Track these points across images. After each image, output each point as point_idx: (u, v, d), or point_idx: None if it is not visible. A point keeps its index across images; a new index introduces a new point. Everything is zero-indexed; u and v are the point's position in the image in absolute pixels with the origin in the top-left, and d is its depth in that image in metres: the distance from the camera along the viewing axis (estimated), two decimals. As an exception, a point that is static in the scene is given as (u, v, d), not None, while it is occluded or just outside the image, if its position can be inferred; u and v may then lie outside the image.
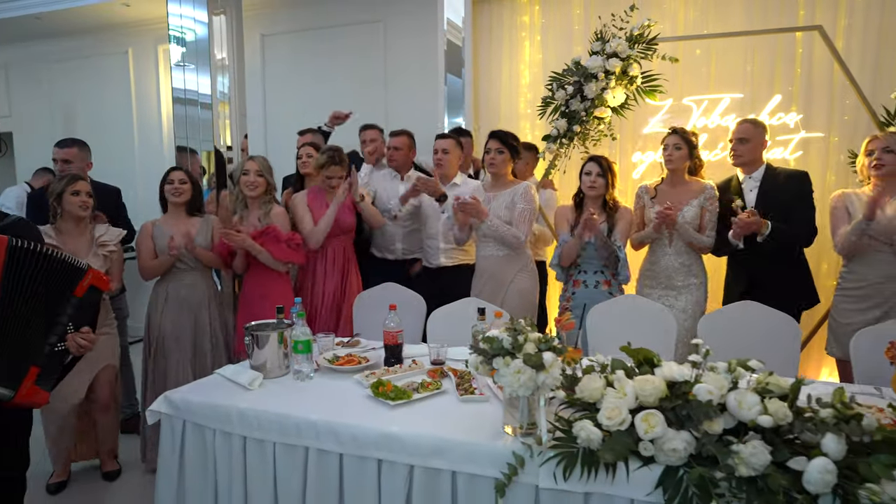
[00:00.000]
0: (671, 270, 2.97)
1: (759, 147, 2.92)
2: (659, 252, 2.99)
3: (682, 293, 2.96)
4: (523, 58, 4.10)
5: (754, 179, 2.92)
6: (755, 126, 2.93)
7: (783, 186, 2.86)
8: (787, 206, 2.79)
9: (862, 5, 3.34)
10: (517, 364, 1.52)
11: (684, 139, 2.94)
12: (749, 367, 1.54)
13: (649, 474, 1.43)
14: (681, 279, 2.96)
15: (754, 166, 2.93)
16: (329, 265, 3.23)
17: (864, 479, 1.28)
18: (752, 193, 2.90)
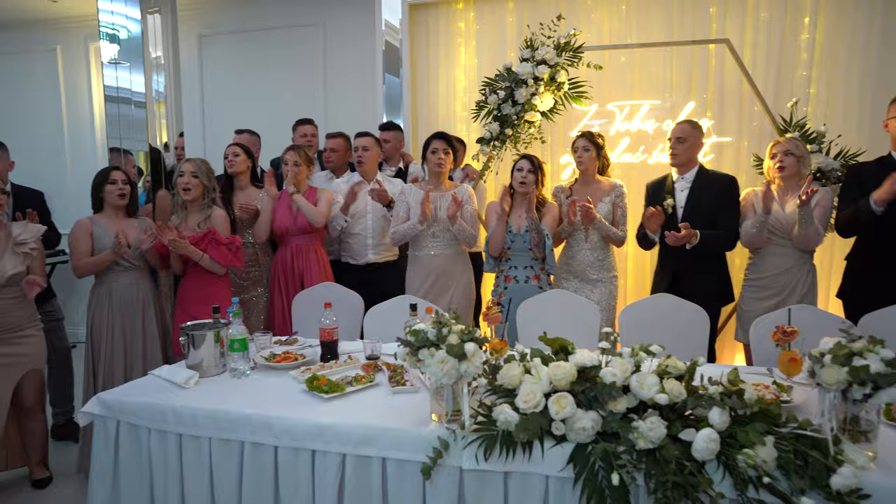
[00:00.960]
0: (586, 265, 3.15)
1: (694, 147, 3.08)
2: (576, 247, 3.18)
3: (597, 286, 3.15)
4: (459, 62, 4.23)
5: (686, 180, 3.08)
6: (693, 127, 3.08)
7: (712, 189, 3.02)
8: (713, 209, 2.97)
9: (765, 22, 3.63)
10: (441, 354, 1.63)
11: (591, 141, 3.14)
12: (650, 351, 1.70)
13: (562, 452, 1.57)
14: (595, 273, 3.15)
15: (689, 167, 3.09)
16: (289, 265, 3.29)
17: (742, 445, 1.45)
18: (683, 193, 3.07)
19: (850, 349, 1.47)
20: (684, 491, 1.42)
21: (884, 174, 2.65)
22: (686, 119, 3.21)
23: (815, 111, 3.59)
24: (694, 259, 2.98)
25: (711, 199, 3.00)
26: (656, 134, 3.72)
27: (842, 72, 3.56)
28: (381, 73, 4.40)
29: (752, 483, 1.42)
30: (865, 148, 3.35)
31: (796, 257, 2.89)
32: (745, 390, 1.56)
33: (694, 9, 3.74)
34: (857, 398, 1.45)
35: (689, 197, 3.05)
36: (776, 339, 2.06)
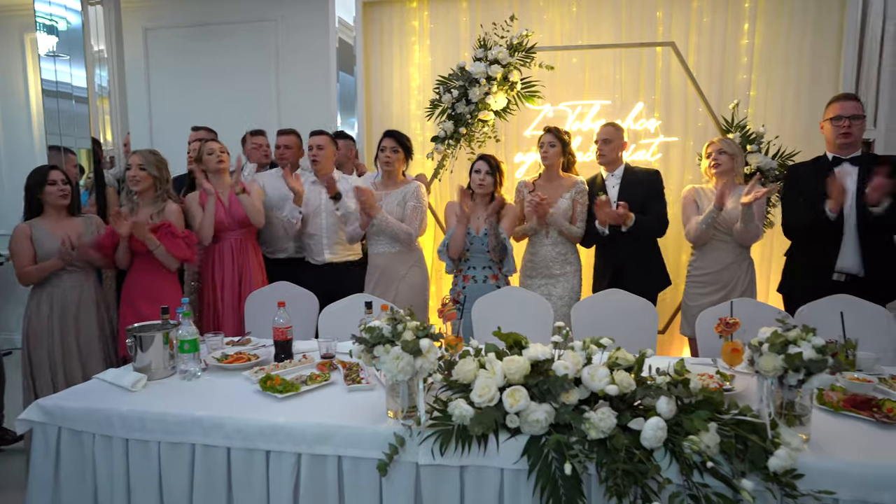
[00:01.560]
0: (549, 260, 3.21)
1: (619, 147, 3.24)
2: (538, 243, 3.24)
3: (560, 281, 3.22)
4: (413, 61, 4.23)
5: (616, 177, 3.24)
6: (616, 129, 3.25)
7: (640, 183, 3.19)
8: (643, 201, 3.13)
9: (708, 26, 3.77)
10: (396, 351, 1.63)
11: (558, 137, 3.20)
12: (601, 344, 1.74)
13: (516, 444, 1.59)
14: (558, 268, 3.21)
15: (616, 165, 3.26)
16: (226, 260, 3.21)
17: (688, 432, 1.51)
18: (614, 190, 3.22)
19: (786, 338, 1.55)
20: (634, 478, 1.47)
21: (820, 173, 2.80)
22: (609, 122, 3.33)
23: (755, 113, 3.75)
24: (632, 250, 3.12)
25: (640, 192, 3.15)
26: (608, 134, 3.81)
27: (779, 75, 3.73)
28: (335, 71, 4.36)
29: (696, 468, 1.48)
30: (801, 148, 3.52)
31: (736, 253, 3.02)
32: (690, 380, 1.63)
33: (641, 12, 3.84)
34: (791, 384, 1.53)
35: (620, 192, 3.19)
36: (719, 331, 2.15)
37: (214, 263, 3.23)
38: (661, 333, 3.86)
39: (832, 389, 1.83)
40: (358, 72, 4.24)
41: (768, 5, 3.70)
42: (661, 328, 3.85)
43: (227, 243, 3.23)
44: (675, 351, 3.83)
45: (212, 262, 3.23)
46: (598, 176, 3.31)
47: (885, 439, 1.59)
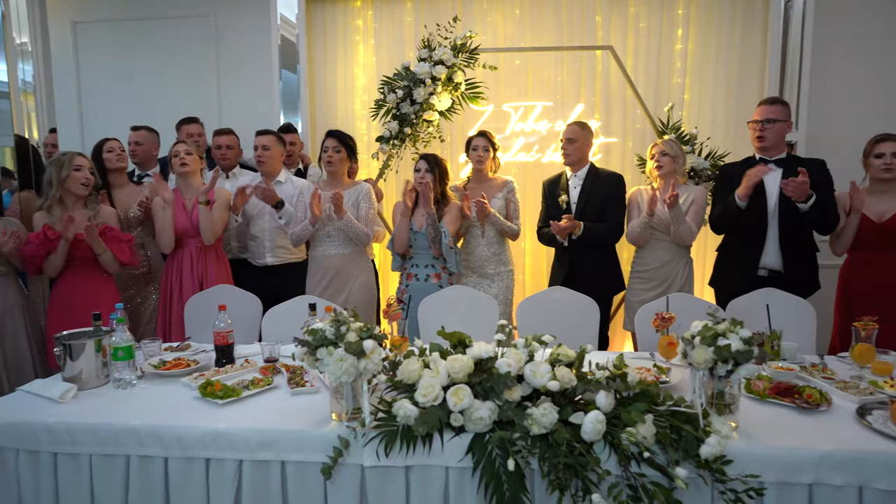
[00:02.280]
0: (484, 259, 3.25)
1: (584, 147, 3.26)
2: (473, 243, 3.28)
3: (495, 280, 3.26)
4: (358, 60, 4.20)
5: (579, 177, 3.27)
6: (582, 128, 3.25)
7: (602, 186, 3.22)
8: (603, 204, 3.18)
9: (645, 31, 3.90)
10: (339, 353, 1.62)
11: (490, 141, 3.25)
12: (543, 341, 1.78)
13: (461, 442, 1.61)
14: (492, 267, 3.26)
15: (580, 165, 3.27)
16: (185, 267, 3.11)
17: (626, 424, 1.56)
18: (576, 190, 3.25)
19: (716, 331, 1.62)
20: (575, 471, 1.51)
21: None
22: (576, 121, 3.38)
23: (689, 115, 3.91)
24: (588, 253, 3.17)
25: (602, 195, 3.19)
26: (549, 134, 3.89)
27: (710, 79, 3.90)
28: (277, 69, 4.27)
29: (634, 458, 1.53)
30: (731, 149, 3.70)
31: (675, 251, 3.14)
32: (628, 374, 1.68)
33: (581, 16, 3.94)
34: (721, 375, 1.60)
35: (581, 193, 3.23)
36: (656, 326, 2.23)
37: (173, 271, 3.12)
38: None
39: (759, 378, 1.92)
40: (301, 70, 4.17)
41: (699, 13, 3.87)
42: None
43: (188, 250, 3.12)
44: (618, 345, 3.94)
45: (171, 270, 3.13)
46: (562, 175, 3.34)
47: (805, 424, 1.69)
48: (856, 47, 3.86)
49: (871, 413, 1.72)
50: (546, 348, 1.78)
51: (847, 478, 1.51)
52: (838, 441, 1.57)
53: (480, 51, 3.74)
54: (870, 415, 1.70)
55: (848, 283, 2.93)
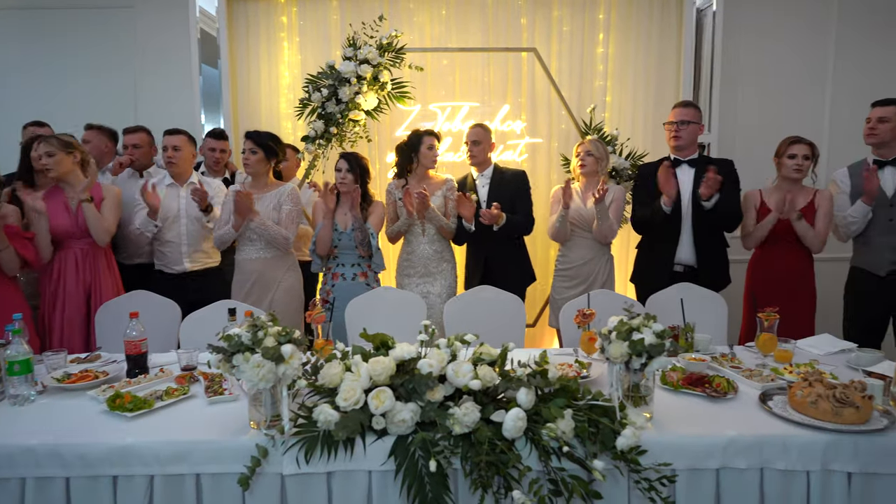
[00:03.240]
0: (426, 258, 3.25)
1: (488, 148, 3.35)
2: (414, 242, 3.27)
3: (437, 278, 3.27)
4: (283, 58, 4.09)
5: (485, 177, 3.35)
6: (484, 130, 3.35)
7: (508, 183, 3.32)
8: (511, 200, 3.25)
9: (568, 35, 4.00)
10: (256, 359, 1.56)
11: (437, 139, 3.25)
12: (465, 340, 1.78)
13: (383, 446, 1.59)
14: (434, 265, 3.27)
15: (485, 165, 3.36)
16: (69, 272, 2.91)
17: (546, 420, 1.59)
18: (484, 189, 3.32)
19: (630, 326, 1.67)
20: (496, 469, 1.52)
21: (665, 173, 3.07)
22: (477, 123, 3.43)
23: (611, 116, 4.04)
24: (500, 247, 3.25)
25: (509, 191, 3.28)
26: (477, 135, 3.91)
27: (630, 82, 4.04)
28: (196, 64, 4.10)
29: (554, 453, 1.56)
30: (650, 150, 3.85)
31: (596, 249, 3.24)
32: (548, 370, 1.71)
33: (507, 18, 4.00)
34: (636, 368, 1.66)
35: (489, 191, 3.30)
36: (577, 322, 2.29)
37: (54, 276, 2.90)
38: (531, 326, 4.05)
39: (673, 370, 2.01)
40: (223, 66, 4.02)
41: (619, 18, 4.00)
42: (531, 321, 4.03)
43: (72, 252, 2.91)
44: (546, 342, 4.03)
45: (51, 275, 2.90)
46: (468, 176, 3.40)
47: (713, 412, 1.78)
48: (763, 54, 4.11)
49: (771, 399, 1.82)
50: (469, 347, 1.79)
51: (750, 461, 1.59)
52: (743, 426, 1.65)
53: (407, 50, 3.72)
54: (771, 400, 1.81)
55: (755, 276, 3.12)
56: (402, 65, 3.70)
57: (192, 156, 3.26)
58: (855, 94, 4.07)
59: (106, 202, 2.96)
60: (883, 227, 2.84)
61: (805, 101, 4.14)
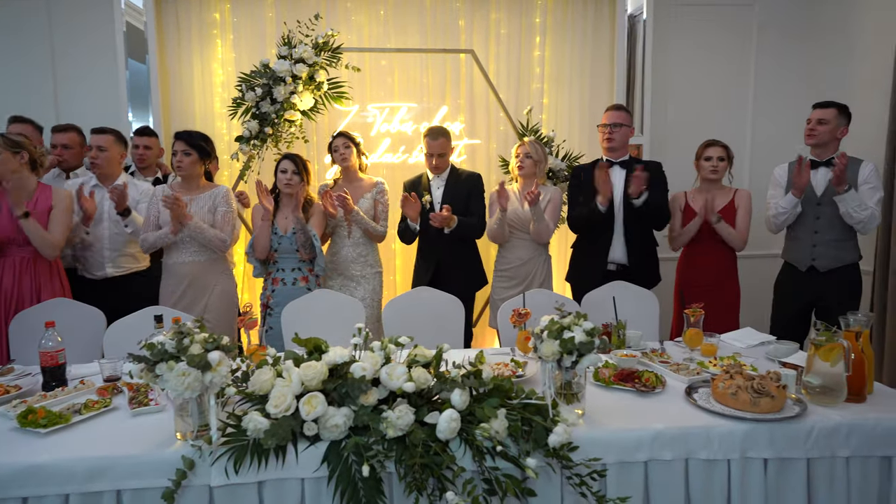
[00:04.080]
0: (349, 261, 3.22)
1: (447, 154, 3.33)
2: (339, 244, 3.23)
3: (361, 283, 3.24)
4: (216, 55, 3.97)
5: (441, 178, 3.34)
6: (448, 139, 3.30)
7: (464, 185, 3.32)
8: (465, 202, 3.27)
9: (505, 38, 4.05)
10: (181, 367, 1.51)
11: (350, 139, 3.23)
12: (400, 343, 1.77)
13: (316, 452, 1.56)
14: (358, 269, 3.24)
15: (442, 168, 3.34)
16: (6, 280, 2.73)
17: (480, 420, 1.59)
18: (439, 191, 3.32)
19: (561, 324, 1.70)
20: (431, 471, 1.52)
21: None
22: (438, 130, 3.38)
23: (548, 118, 4.12)
24: (452, 249, 3.24)
25: (464, 193, 3.29)
26: (415, 135, 3.91)
27: (566, 85, 4.13)
28: (123, 58, 3.91)
29: (488, 453, 1.57)
30: (585, 151, 3.94)
31: (534, 249, 3.29)
32: (482, 370, 1.72)
33: (445, 20, 4.01)
34: (567, 366, 1.69)
35: (444, 193, 3.30)
36: (513, 322, 2.32)
37: None
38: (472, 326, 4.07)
39: (605, 366, 2.06)
40: (151, 61, 3.86)
41: (555, 23, 4.08)
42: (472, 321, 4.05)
43: (11, 260, 2.73)
44: (488, 343, 4.06)
45: None
46: (423, 176, 3.39)
47: (642, 406, 1.83)
48: (691, 59, 4.28)
49: (697, 391, 1.90)
50: (403, 350, 1.78)
51: (676, 452, 1.65)
52: (669, 419, 1.71)
53: (344, 50, 3.68)
54: (696, 393, 1.88)
55: (683, 273, 3.25)
56: (339, 65, 3.66)
57: (119, 157, 3.12)
58: (775, 96, 4.32)
59: (55, 211, 2.77)
60: (809, 225, 2.99)
61: (730, 105, 4.34)
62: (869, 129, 3.48)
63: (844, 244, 2.95)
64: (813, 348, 1.81)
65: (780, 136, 4.25)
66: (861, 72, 3.79)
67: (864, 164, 2.91)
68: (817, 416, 1.71)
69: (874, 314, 3.28)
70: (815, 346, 1.80)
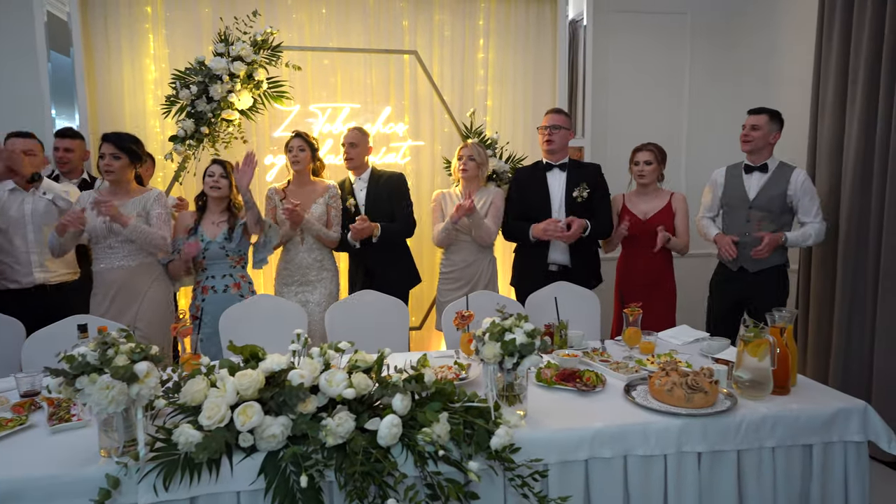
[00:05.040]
0: (305, 266, 3.15)
1: (365, 151, 3.31)
2: (293, 250, 3.16)
3: (317, 287, 3.18)
4: (148, 51, 3.80)
5: (363, 180, 3.31)
6: (361, 133, 3.30)
7: (386, 186, 3.30)
8: (390, 203, 3.25)
9: (449, 40, 4.05)
10: (105, 380, 1.42)
11: (307, 142, 3.16)
12: (339, 348, 1.74)
13: (252, 464, 1.50)
14: (314, 274, 3.17)
15: (362, 169, 3.32)
16: None
17: (422, 425, 1.57)
18: (361, 193, 3.28)
19: (502, 326, 1.71)
20: (372, 478, 1.49)
21: (537, 177, 3.23)
22: (355, 126, 3.40)
23: (492, 120, 4.14)
24: (383, 253, 3.22)
25: (387, 194, 3.27)
26: (359, 136, 3.86)
27: (509, 88, 4.17)
28: (44, 50, 3.68)
29: (430, 458, 1.55)
30: (529, 153, 3.99)
31: (478, 251, 3.30)
32: (425, 374, 1.70)
33: (389, 20, 3.98)
34: (509, 367, 1.69)
35: (367, 195, 3.27)
36: (457, 324, 2.31)
37: None
38: (418, 329, 4.06)
39: (547, 367, 2.08)
40: (76, 55, 3.65)
41: (498, 25, 4.11)
42: (417, 324, 4.04)
43: None
44: (434, 345, 4.05)
45: None
46: (346, 180, 3.35)
47: (583, 405, 1.86)
48: (629, 63, 4.40)
49: (635, 389, 1.94)
50: (344, 355, 1.74)
51: (615, 449, 1.68)
52: (609, 417, 1.74)
53: (284, 48, 3.59)
54: (634, 390, 1.92)
55: (621, 273, 3.33)
56: (280, 63, 3.57)
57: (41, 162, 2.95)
58: (708, 98, 4.50)
59: None
60: (740, 227, 3.11)
61: (667, 107, 4.50)
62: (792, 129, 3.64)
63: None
64: (742, 344, 1.88)
65: (713, 136, 4.44)
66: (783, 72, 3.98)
67: (796, 172, 3.03)
68: (746, 410, 1.78)
69: (797, 310, 3.45)
70: (743, 342, 1.87)
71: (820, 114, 3.37)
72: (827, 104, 3.30)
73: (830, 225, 3.15)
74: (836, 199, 3.25)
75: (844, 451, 1.81)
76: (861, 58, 3.07)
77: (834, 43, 3.24)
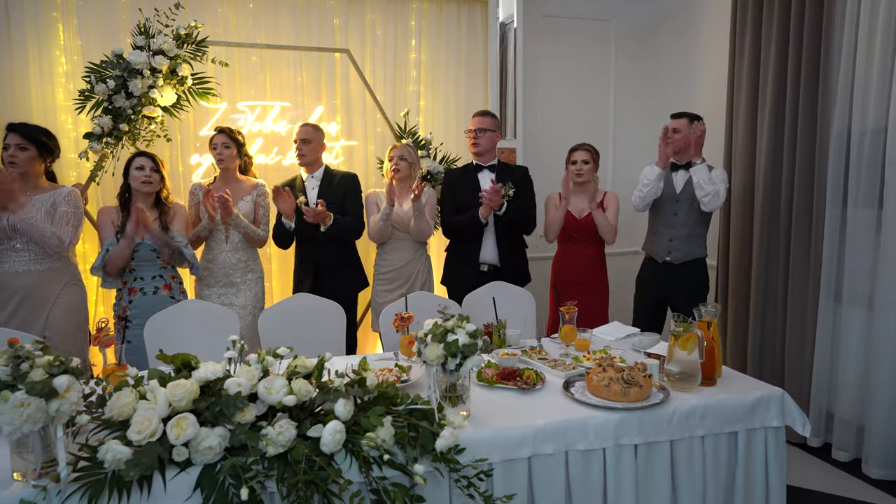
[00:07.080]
0: (228, 267, 3.04)
1: (318, 148, 3.26)
2: (216, 249, 3.04)
3: (241, 289, 3.07)
4: (58, 42, 3.54)
5: (315, 178, 3.26)
6: (315, 129, 3.25)
7: (339, 184, 3.26)
8: (341, 203, 3.21)
9: (381, 39, 4.02)
10: (19, 397, 1.31)
11: (232, 138, 3.06)
12: (278, 354, 1.68)
13: (188, 478, 1.43)
14: (238, 275, 3.07)
15: (316, 166, 3.27)
16: None
17: (366, 430, 1.55)
18: (314, 191, 3.23)
19: (445, 328, 1.71)
20: (316, 487, 1.45)
21: (468, 178, 3.28)
22: (308, 122, 3.35)
23: (425, 121, 4.14)
24: (332, 251, 3.17)
25: (340, 194, 3.22)
26: (288, 135, 3.76)
27: (442, 89, 4.18)
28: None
29: (375, 463, 1.53)
30: (462, 154, 4.02)
31: (414, 250, 3.30)
32: (366, 378, 1.67)
33: (319, 18, 3.90)
34: (452, 368, 1.69)
35: (319, 193, 3.21)
36: (396, 326, 2.30)
37: None
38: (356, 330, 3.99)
39: (488, 366, 2.09)
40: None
41: (429, 26, 4.12)
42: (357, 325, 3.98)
43: None
44: (370, 347, 4.00)
45: None
46: (297, 177, 3.28)
47: (524, 403, 1.89)
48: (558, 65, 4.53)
49: (573, 385, 1.99)
50: (282, 361, 1.69)
51: (556, 445, 1.72)
52: (549, 414, 1.78)
53: (209, 43, 3.44)
54: (573, 387, 1.97)
55: (557, 271, 3.41)
56: (205, 59, 3.42)
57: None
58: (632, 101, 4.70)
59: None
60: (667, 219, 3.25)
61: (595, 109, 4.67)
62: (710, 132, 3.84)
63: (695, 240, 3.25)
64: (672, 339, 1.96)
65: (638, 138, 4.64)
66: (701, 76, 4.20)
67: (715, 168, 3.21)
68: (678, 401, 1.86)
69: (719, 305, 3.65)
70: (674, 336, 1.96)
71: (734, 117, 3.59)
72: (741, 108, 3.52)
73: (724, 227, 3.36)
74: (750, 199, 3.47)
75: (765, 437, 1.94)
76: (770, 64, 3.30)
77: (746, 51, 3.46)
